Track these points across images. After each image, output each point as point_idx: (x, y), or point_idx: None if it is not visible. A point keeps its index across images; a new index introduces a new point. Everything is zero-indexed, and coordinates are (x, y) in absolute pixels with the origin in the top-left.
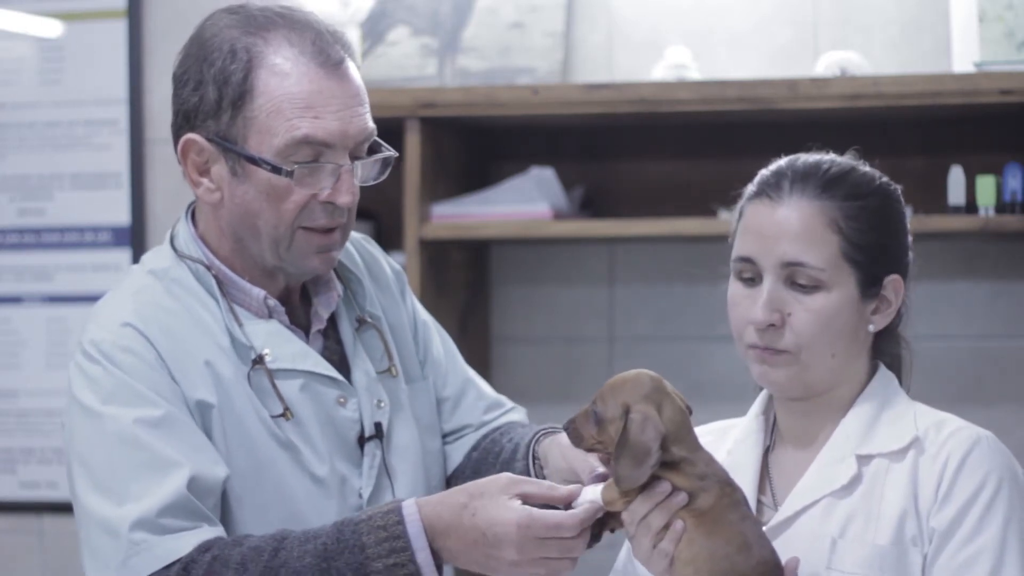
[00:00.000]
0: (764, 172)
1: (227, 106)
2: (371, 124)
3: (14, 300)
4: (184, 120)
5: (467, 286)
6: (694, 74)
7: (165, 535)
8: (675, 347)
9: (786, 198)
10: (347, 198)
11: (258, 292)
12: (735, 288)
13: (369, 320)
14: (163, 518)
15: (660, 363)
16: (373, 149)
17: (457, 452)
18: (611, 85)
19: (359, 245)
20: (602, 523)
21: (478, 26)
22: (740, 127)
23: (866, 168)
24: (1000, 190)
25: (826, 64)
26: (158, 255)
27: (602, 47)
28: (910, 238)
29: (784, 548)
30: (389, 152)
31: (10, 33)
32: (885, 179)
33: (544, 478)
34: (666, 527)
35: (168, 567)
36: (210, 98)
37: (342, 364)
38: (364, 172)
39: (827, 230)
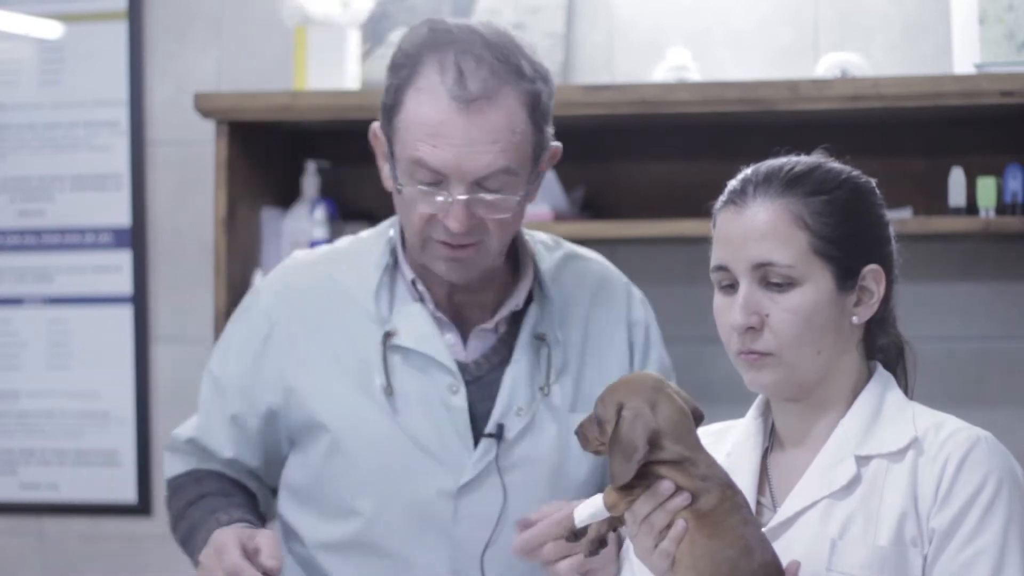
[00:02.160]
0: (731, 181)
1: (388, 110)
2: (500, 162)
3: (14, 301)
4: (381, 112)
5: None
6: (695, 75)
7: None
8: (676, 349)
9: (750, 202)
10: (456, 225)
11: (408, 274)
12: (717, 299)
13: (545, 339)
14: (204, 439)
15: None
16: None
17: None
18: (611, 86)
19: (601, 278)
20: (601, 540)
21: None
22: (741, 128)
23: (833, 164)
24: (1001, 191)
25: (827, 65)
26: (391, 223)
27: (603, 48)
28: (890, 229)
29: (784, 549)
30: (514, 191)
31: (10, 34)
32: (854, 173)
33: None
34: (668, 527)
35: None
36: (385, 100)
37: (502, 365)
38: (487, 205)
39: (792, 227)
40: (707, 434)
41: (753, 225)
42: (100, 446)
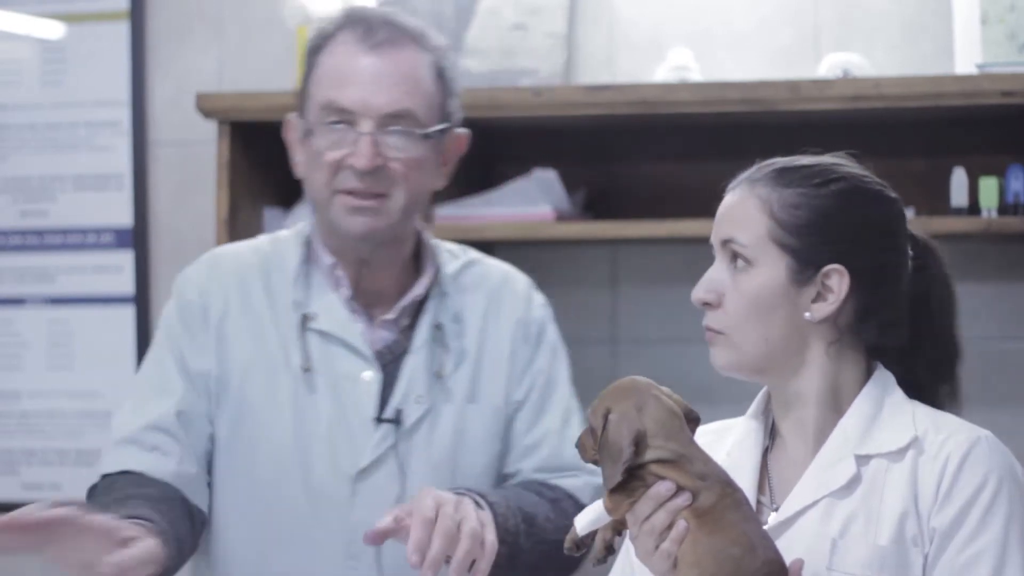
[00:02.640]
0: None
1: (303, 86)
2: (405, 103)
3: (16, 302)
4: (297, 102)
5: None
6: (696, 76)
7: (137, 450)
8: (678, 349)
9: (738, 187)
10: (362, 161)
11: (328, 260)
12: None
13: (443, 329)
14: (143, 436)
15: (663, 365)
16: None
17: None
18: (613, 87)
19: (500, 278)
20: (609, 547)
21: (480, 28)
22: (742, 129)
23: (842, 166)
24: (1003, 192)
25: (828, 66)
26: (305, 223)
27: (604, 49)
28: (888, 239)
29: (784, 548)
30: (419, 131)
31: (12, 34)
32: (861, 177)
33: None
34: (669, 528)
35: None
36: (302, 83)
37: (401, 354)
38: (392, 144)
39: (759, 212)
40: (706, 433)
41: (729, 205)
42: (102, 446)
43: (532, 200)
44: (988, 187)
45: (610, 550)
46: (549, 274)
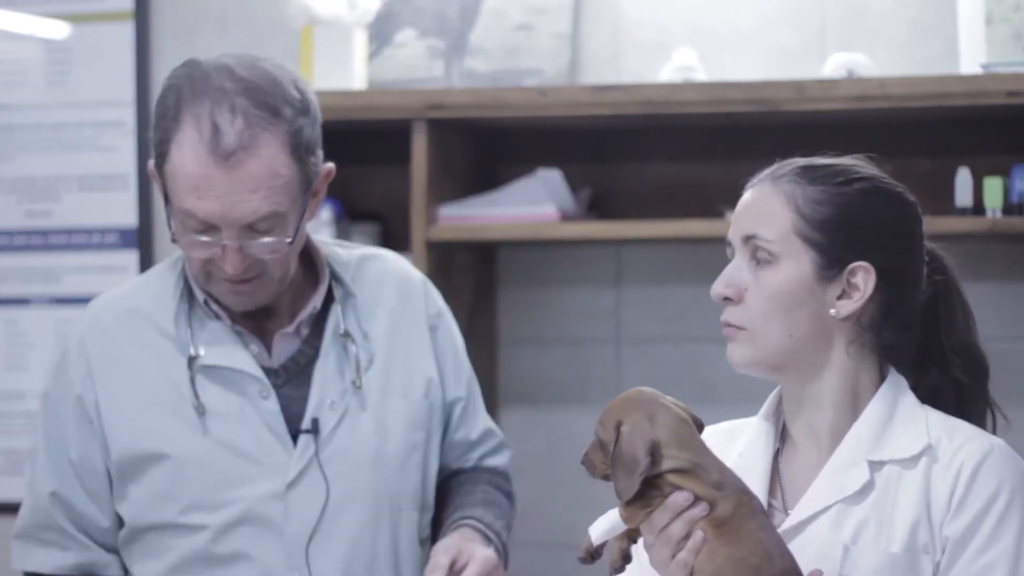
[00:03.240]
0: None
1: (158, 156)
2: (267, 209)
3: (21, 302)
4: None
5: (474, 288)
6: (701, 76)
7: (37, 546)
8: (683, 349)
9: (759, 183)
10: (231, 269)
11: (200, 295)
12: None
13: (349, 335)
14: (33, 530)
15: (668, 365)
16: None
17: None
18: (618, 87)
19: (400, 275)
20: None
21: (485, 28)
22: (747, 129)
23: (863, 167)
24: (1007, 191)
25: (833, 66)
26: (180, 253)
27: (609, 49)
28: (908, 240)
29: (796, 553)
30: (279, 238)
31: (17, 35)
32: (880, 178)
33: None
34: (685, 538)
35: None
36: (155, 144)
37: (308, 364)
38: (259, 248)
39: (784, 207)
40: (716, 433)
41: (751, 201)
42: None
43: (536, 200)
44: (993, 187)
45: (627, 558)
46: (553, 274)
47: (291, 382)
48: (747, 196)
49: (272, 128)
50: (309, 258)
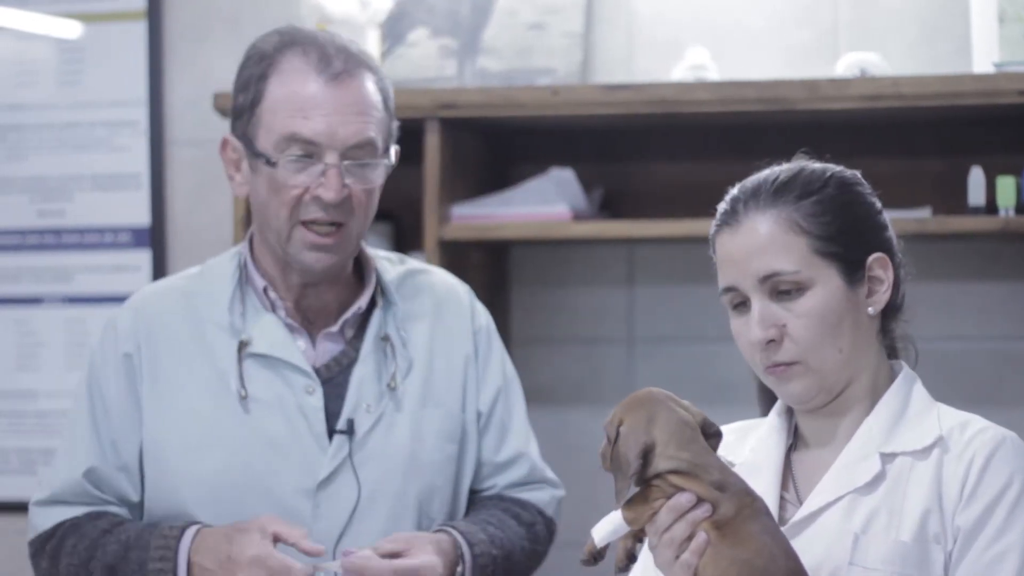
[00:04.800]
0: (721, 204)
1: (247, 108)
2: (369, 132)
3: (34, 301)
4: (232, 121)
5: (486, 287)
6: (713, 75)
7: (63, 506)
8: (695, 348)
9: (743, 219)
10: (331, 194)
11: (260, 283)
12: (733, 321)
13: (390, 340)
14: (65, 495)
15: (680, 364)
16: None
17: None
18: (630, 86)
19: (445, 287)
20: (630, 555)
21: (497, 27)
22: (759, 128)
23: (814, 165)
24: (1020, 191)
25: (846, 65)
26: (237, 248)
27: (621, 48)
28: (884, 216)
29: (807, 544)
30: (380, 160)
31: (30, 34)
32: (837, 169)
33: None
34: (688, 539)
35: (36, 537)
36: (240, 101)
37: (349, 365)
38: (357, 175)
39: (790, 234)
40: (730, 432)
41: (751, 240)
42: None
43: (549, 199)
44: (1005, 186)
45: (632, 558)
46: (566, 273)
47: (330, 382)
48: (736, 239)
49: (369, 68)
50: (358, 262)
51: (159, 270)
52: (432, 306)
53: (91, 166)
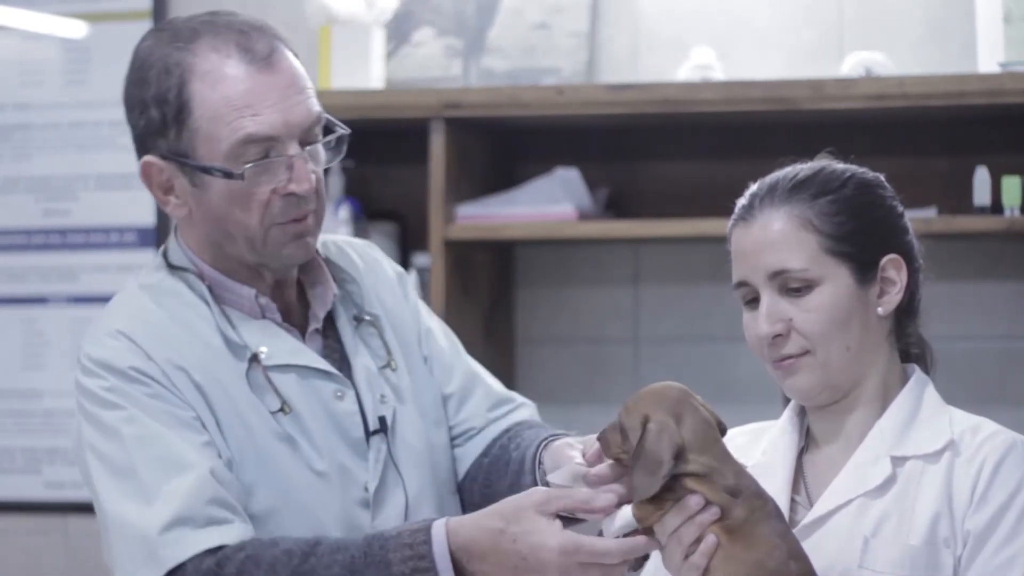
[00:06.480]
0: (740, 199)
1: (171, 123)
2: (315, 107)
3: (39, 300)
4: (139, 144)
5: (492, 287)
6: (719, 75)
7: (198, 529)
8: (701, 348)
9: (758, 214)
10: (305, 186)
11: (248, 291)
12: (744, 315)
13: (367, 318)
14: (193, 511)
15: (685, 364)
16: (328, 129)
17: (467, 456)
18: (636, 85)
19: (360, 249)
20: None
21: (503, 26)
22: (765, 128)
23: (836, 165)
24: None
25: (851, 64)
26: (151, 271)
27: (627, 47)
28: (906, 219)
29: (817, 546)
30: (342, 130)
31: (35, 34)
32: (859, 170)
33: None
34: (697, 541)
35: (200, 557)
36: (154, 118)
37: (343, 362)
38: (315, 157)
39: (801, 231)
40: (743, 433)
41: (763, 236)
42: None
43: (554, 199)
44: (1011, 186)
45: (645, 556)
46: (571, 273)
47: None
48: (750, 234)
49: (276, 36)
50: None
51: (112, 305)
52: (366, 273)
53: (96, 166)
